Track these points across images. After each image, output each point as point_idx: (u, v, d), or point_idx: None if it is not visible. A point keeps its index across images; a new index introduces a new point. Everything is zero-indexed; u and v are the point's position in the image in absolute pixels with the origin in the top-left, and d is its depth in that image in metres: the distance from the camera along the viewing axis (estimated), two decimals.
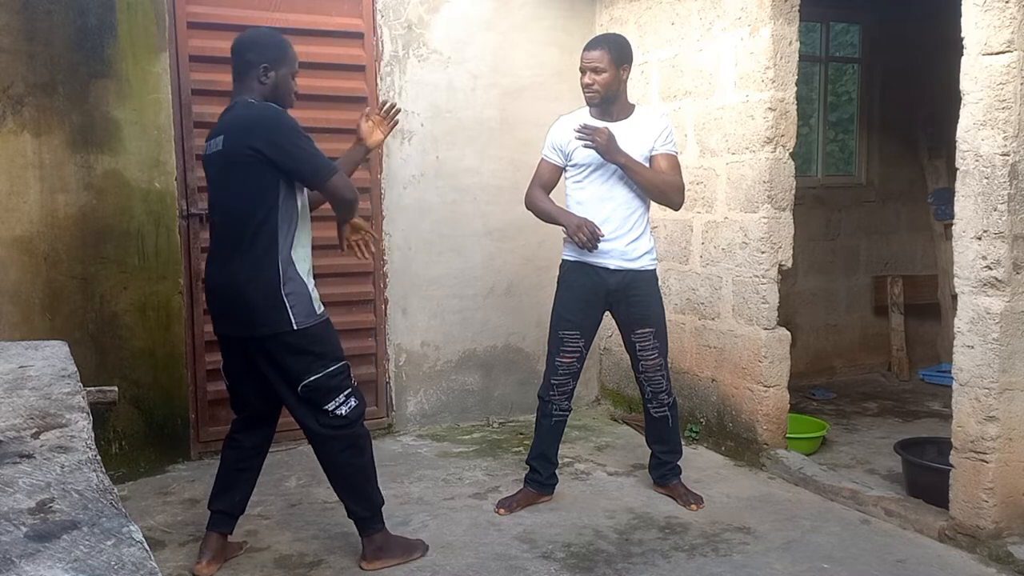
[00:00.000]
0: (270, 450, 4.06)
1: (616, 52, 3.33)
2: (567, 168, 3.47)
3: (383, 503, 3.00)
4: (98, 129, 3.78)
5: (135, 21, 3.81)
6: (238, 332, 2.82)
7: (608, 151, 3.22)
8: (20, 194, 3.65)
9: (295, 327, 2.73)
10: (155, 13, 3.85)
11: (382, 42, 4.39)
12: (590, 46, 3.38)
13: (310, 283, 2.82)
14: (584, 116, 3.42)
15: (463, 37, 4.59)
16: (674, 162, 3.39)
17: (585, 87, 3.36)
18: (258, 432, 3.05)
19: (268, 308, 2.72)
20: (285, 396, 2.85)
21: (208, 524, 3.01)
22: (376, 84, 4.39)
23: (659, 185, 3.33)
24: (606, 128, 3.26)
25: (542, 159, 3.54)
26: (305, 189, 2.83)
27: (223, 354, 3.02)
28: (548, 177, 3.52)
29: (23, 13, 3.61)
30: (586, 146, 3.26)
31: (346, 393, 2.84)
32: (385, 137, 3.10)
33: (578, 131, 3.24)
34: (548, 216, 3.47)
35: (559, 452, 3.65)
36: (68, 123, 3.72)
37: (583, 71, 3.35)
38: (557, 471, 3.64)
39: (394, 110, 3.10)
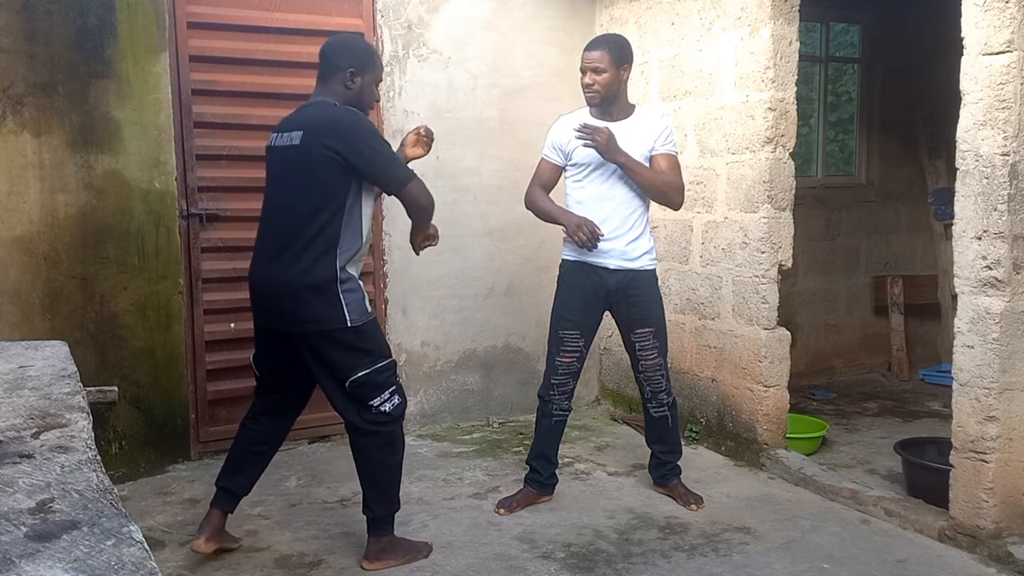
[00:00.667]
0: None
1: (616, 52, 3.33)
2: (567, 168, 3.47)
3: (399, 509, 3.02)
4: (98, 129, 3.78)
5: (135, 21, 3.81)
6: (288, 328, 2.83)
7: (608, 150, 3.23)
8: (20, 194, 3.65)
9: (349, 324, 2.77)
10: (155, 13, 3.85)
11: (382, 42, 4.39)
12: (590, 46, 3.38)
13: (362, 284, 2.87)
14: (584, 116, 3.42)
15: (463, 37, 4.59)
16: (674, 162, 3.40)
17: (585, 87, 3.37)
18: (280, 419, 3.08)
19: (325, 305, 2.75)
20: (331, 391, 2.87)
21: (212, 500, 3.04)
22: None
23: (659, 185, 3.33)
24: (606, 128, 3.26)
25: (542, 159, 3.55)
26: (374, 193, 2.87)
27: (259, 347, 3.04)
28: (548, 177, 3.52)
29: (23, 13, 3.61)
30: (586, 145, 3.26)
31: (391, 390, 2.87)
32: (422, 155, 3.14)
33: (578, 130, 3.24)
34: (548, 216, 3.47)
35: (559, 452, 3.65)
36: (68, 123, 3.72)
37: (583, 71, 3.35)
38: (557, 471, 3.64)
39: (431, 136, 3.16)
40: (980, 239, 2.95)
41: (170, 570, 2.95)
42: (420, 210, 2.88)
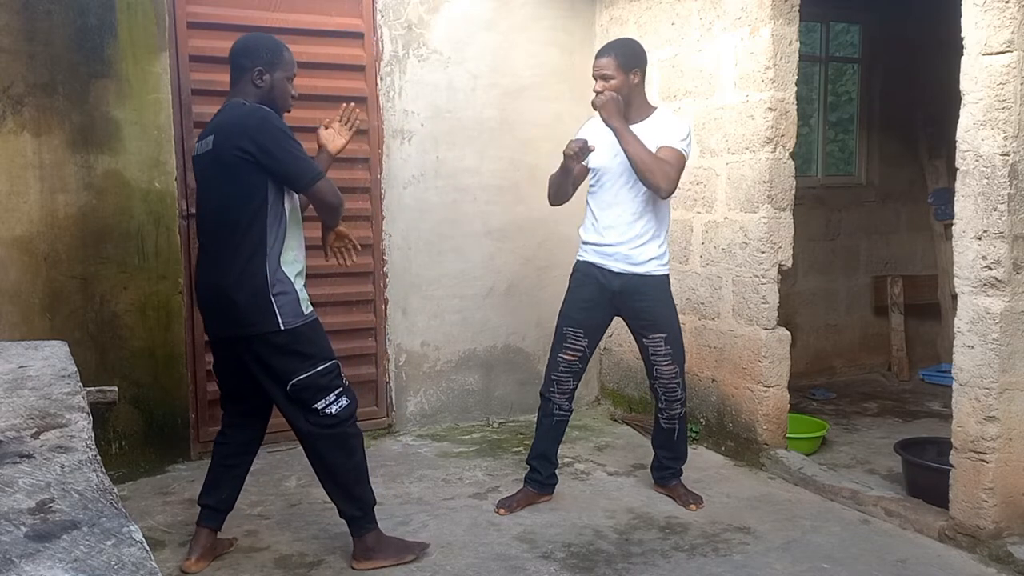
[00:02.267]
0: (270, 450, 4.07)
1: (623, 58, 3.33)
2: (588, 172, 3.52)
3: (375, 503, 3.00)
4: (98, 129, 3.78)
5: (135, 21, 3.81)
6: (227, 332, 2.83)
7: (606, 110, 3.26)
8: (20, 194, 3.65)
9: (282, 327, 2.74)
10: (155, 13, 3.85)
11: (382, 42, 4.39)
12: (599, 53, 3.40)
13: (299, 284, 2.82)
14: (600, 120, 3.42)
15: (463, 37, 4.59)
16: (673, 154, 3.30)
17: (596, 95, 3.37)
18: (248, 429, 3.06)
19: (255, 309, 2.73)
20: (275, 396, 2.85)
21: (197, 520, 3.03)
22: (376, 84, 4.39)
23: (645, 160, 3.23)
24: (616, 95, 3.27)
25: None
26: (295, 193, 2.84)
27: (214, 353, 3.05)
28: (576, 172, 3.53)
29: (23, 13, 3.61)
30: (594, 106, 3.31)
31: (336, 392, 2.84)
32: (347, 142, 3.04)
33: (594, 101, 3.30)
34: (553, 179, 3.50)
35: (559, 452, 3.65)
36: (68, 123, 3.72)
37: (594, 78, 3.37)
38: (557, 471, 3.64)
39: (353, 115, 3.04)
40: (980, 239, 2.95)
41: (170, 570, 2.95)
42: (329, 209, 2.83)
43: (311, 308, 2.85)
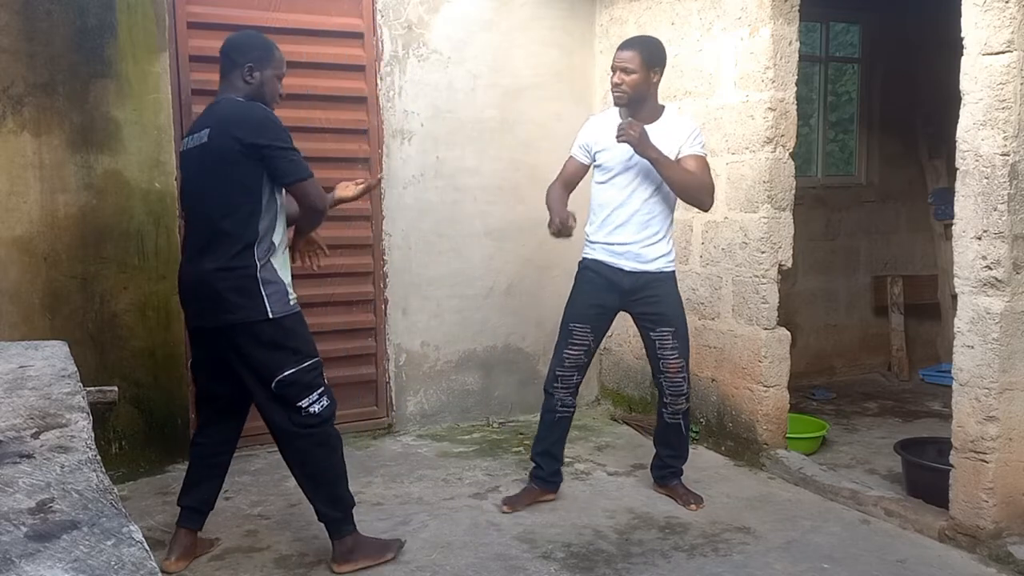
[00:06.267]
0: (270, 450, 4.07)
1: (647, 55, 3.33)
2: (594, 169, 3.51)
3: (354, 504, 2.98)
4: (98, 129, 3.77)
5: (135, 21, 3.81)
6: (211, 322, 2.80)
7: (641, 144, 3.23)
8: (20, 194, 3.65)
9: (271, 315, 2.73)
10: (155, 13, 3.84)
11: (382, 42, 4.39)
12: (623, 46, 3.39)
13: (286, 277, 2.83)
14: (613, 116, 3.44)
15: (463, 37, 4.59)
16: (702, 163, 3.37)
17: (613, 87, 3.37)
18: (225, 428, 3.04)
19: (244, 296, 2.72)
20: (256, 393, 2.83)
21: (177, 520, 3.03)
22: (376, 84, 4.39)
23: (689, 183, 3.30)
24: (640, 124, 3.26)
25: (570, 156, 3.59)
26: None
27: (193, 349, 3.04)
28: (571, 173, 3.57)
29: (23, 13, 3.61)
30: (620, 140, 3.26)
31: (319, 391, 2.82)
32: (353, 197, 3.15)
33: (618, 133, 3.24)
34: (548, 206, 3.49)
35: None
36: (68, 123, 3.72)
37: (613, 70, 3.37)
38: (562, 468, 3.64)
39: (375, 186, 3.17)
40: (980, 239, 2.95)
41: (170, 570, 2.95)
42: (312, 211, 2.84)
43: (296, 302, 2.85)
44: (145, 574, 0.89)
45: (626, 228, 3.39)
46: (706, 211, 3.54)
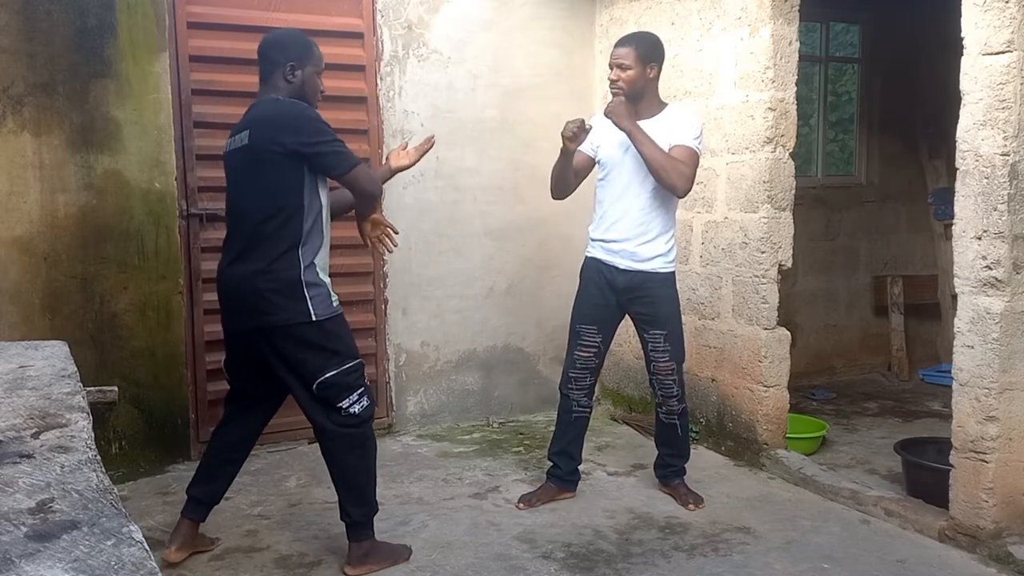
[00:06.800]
0: (270, 450, 4.07)
1: (643, 50, 3.34)
2: (597, 168, 3.53)
3: (378, 511, 3.00)
4: (98, 129, 3.77)
5: (135, 21, 3.81)
6: (253, 324, 2.79)
7: (617, 114, 3.25)
8: (20, 194, 3.65)
9: (314, 318, 2.74)
10: (155, 13, 3.85)
11: (382, 42, 4.39)
12: (619, 43, 3.40)
13: (327, 280, 2.84)
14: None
15: (463, 37, 4.59)
16: (686, 152, 3.31)
17: (610, 83, 3.39)
18: (250, 425, 3.06)
19: (288, 298, 2.72)
20: (298, 393, 2.84)
21: (182, 510, 3.03)
22: (376, 84, 4.39)
23: (660, 161, 3.25)
24: (621, 98, 3.28)
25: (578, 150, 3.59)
26: (328, 188, 2.85)
27: (229, 351, 3.02)
28: (578, 164, 3.51)
29: (23, 13, 3.61)
30: (605, 115, 3.30)
31: (359, 392, 2.84)
32: (411, 164, 3.10)
33: (605, 109, 3.29)
34: (554, 168, 3.47)
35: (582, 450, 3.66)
36: (68, 123, 3.72)
37: (610, 67, 3.38)
38: (580, 467, 3.65)
39: (429, 145, 3.10)
40: (980, 239, 2.95)
41: (170, 570, 2.95)
42: (366, 196, 2.85)
43: (339, 304, 2.85)
44: (145, 574, 0.89)
45: (621, 224, 3.39)
46: (679, 196, 3.40)
